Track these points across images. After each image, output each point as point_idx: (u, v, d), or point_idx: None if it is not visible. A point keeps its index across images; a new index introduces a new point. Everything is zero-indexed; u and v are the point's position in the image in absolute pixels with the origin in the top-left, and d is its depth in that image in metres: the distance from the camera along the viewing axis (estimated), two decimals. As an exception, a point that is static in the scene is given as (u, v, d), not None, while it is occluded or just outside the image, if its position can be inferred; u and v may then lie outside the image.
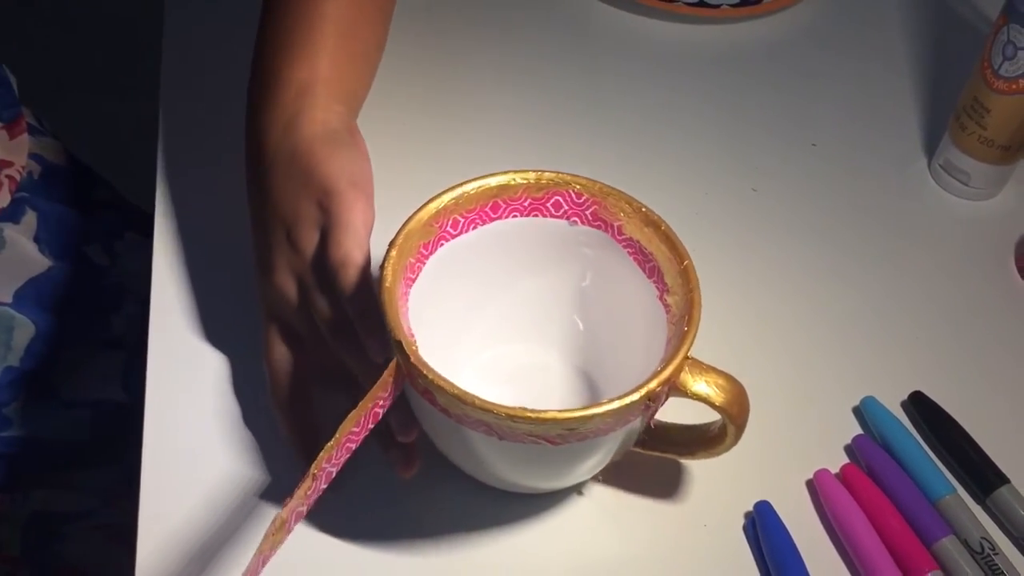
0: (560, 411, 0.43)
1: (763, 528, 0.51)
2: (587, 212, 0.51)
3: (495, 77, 0.72)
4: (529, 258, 0.53)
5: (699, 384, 0.47)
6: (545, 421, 0.43)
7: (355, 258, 0.48)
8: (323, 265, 0.49)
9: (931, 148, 0.70)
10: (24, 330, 0.70)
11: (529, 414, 0.43)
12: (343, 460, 0.46)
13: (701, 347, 0.47)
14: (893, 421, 0.55)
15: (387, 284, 0.47)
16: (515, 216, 0.52)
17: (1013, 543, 0.52)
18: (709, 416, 0.49)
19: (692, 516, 0.52)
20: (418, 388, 0.45)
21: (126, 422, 0.72)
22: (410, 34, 0.72)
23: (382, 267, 0.48)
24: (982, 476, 0.54)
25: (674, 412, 0.50)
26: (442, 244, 0.51)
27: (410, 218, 0.49)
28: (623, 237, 0.51)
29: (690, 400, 0.47)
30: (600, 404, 0.44)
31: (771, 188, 0.67)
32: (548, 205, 0.52)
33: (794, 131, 0.71)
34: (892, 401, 0.57)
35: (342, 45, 0.55)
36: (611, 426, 0.45)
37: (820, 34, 0.78)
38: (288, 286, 0.51)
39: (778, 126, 0.71)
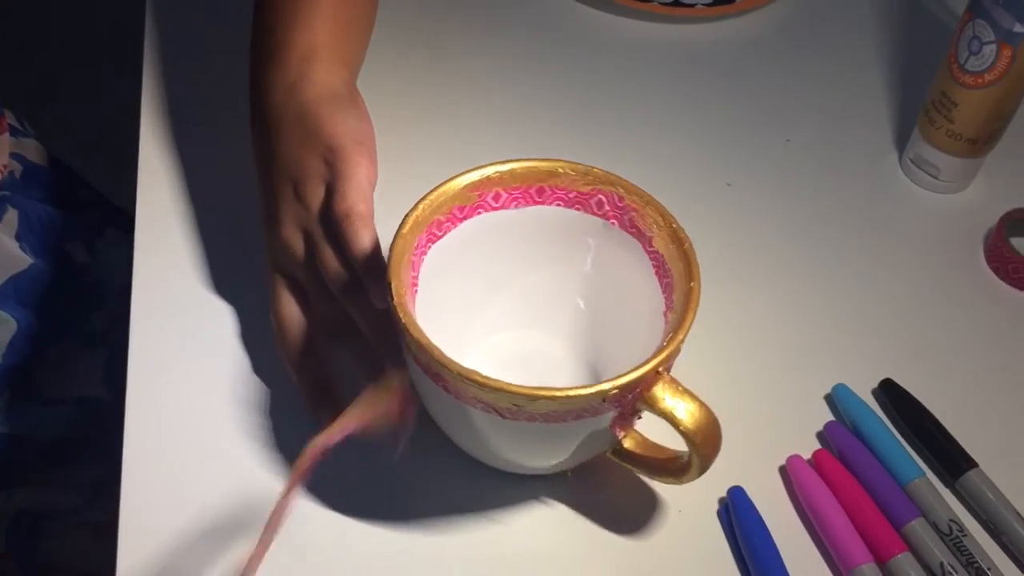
0: (508, 384, 0.44)
1: (737, 513, 0.52)
2: (625, 217, 0.52)
3: (472, 76, 0.73)
4: (558, 247, 0.54)
5: (668, 401, 0.46)
6: (493, 389, 0.44)
7: (360, 210, 0.50)
8: (329, 218, 0.51)
9: (901, 142, 0.71)
10: (6, 327, 0.70)
11: (477, 377, 0.44)
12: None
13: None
14: (864, 408, 0.56)
15: (403, 231, 0.49)
16: (558, 205, 0.53)
17: (981, 525, 0.53)
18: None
19: (667, 502, 0.53)
20: (399, 331, 0.47)
21: (109, 419, 0.73)
22: (391, 29, 0.73)
23: (406, 216, 0.49)
24: (951, 460, 0.55)
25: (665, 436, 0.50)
26: (480, 213, 0.52)
27: (446, 181, 0.51)
28: (652, 249, 0.51)
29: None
30: (548, 389, 0.44)
31: (746, 182, 0.68)
32: (592, 201, 0.53)
33: (768, 127, 0.72)
34: (863, 388, 0.58)
35: (339, 12, 0.57)
36: (560, 415, 0.45)
37: (792, 32, 0.79)
38: (295, 240, 0.52)
39: (752, 122, 0.72)
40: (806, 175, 0.69)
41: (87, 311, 0.76)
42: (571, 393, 0.44)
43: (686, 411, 0.46)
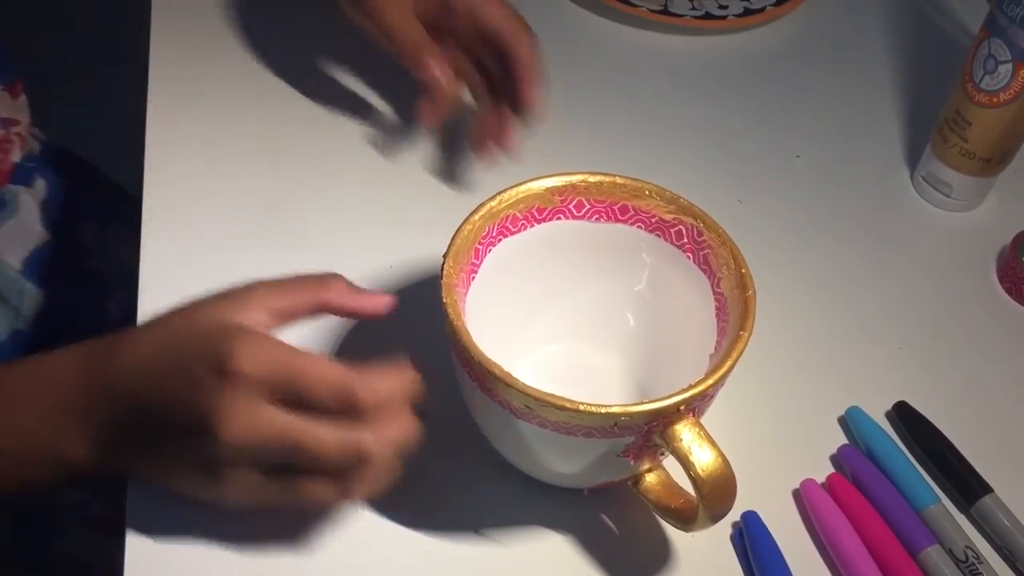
0: (521, 383, 0.44)
1: (750, 537, 0.51)
2: (700, 253, 0.52)
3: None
4: (623, 266, 0.54)
5: (685, 442, 0.44)
6: (507, 385, 0.44)
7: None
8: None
9: (914, 160, 0.70)
10: (32, 298, 0.70)
11: (495, 370, 0.44)
12: None
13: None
14: (878, 431, 0.55)
15: (473, 218, 0.50)
16: (639, 227, 0.53)
17: (997, 552, 0.53)
18: None
19: (680, 526, 0.52)
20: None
21: None
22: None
23: (481, 204, 0.50)
24: (966, 485, 0.54)
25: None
26: (559, 218, 0.53)
27: (531, 179, 0.52)
28: (718, 291, 0.51)
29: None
30: (558, 397, 0.44)
31: (756, 199, 0.68)
32: (672, 231, 0.52)
33: (778, 143, 0.71)
34: (877, 411, 0.57)
35: None
36: (569, 428, 0.45)
37: (804, 47, 0.78)
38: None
39: (763, 138, 0.72)
40: (817, 192, 0.69)
41: (98, 300, 0.75)
42: (580, 407, 0.44)
43: (701, 457, 0.44)
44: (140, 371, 0.46)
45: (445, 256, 0.48)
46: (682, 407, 0.45)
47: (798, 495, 0.54)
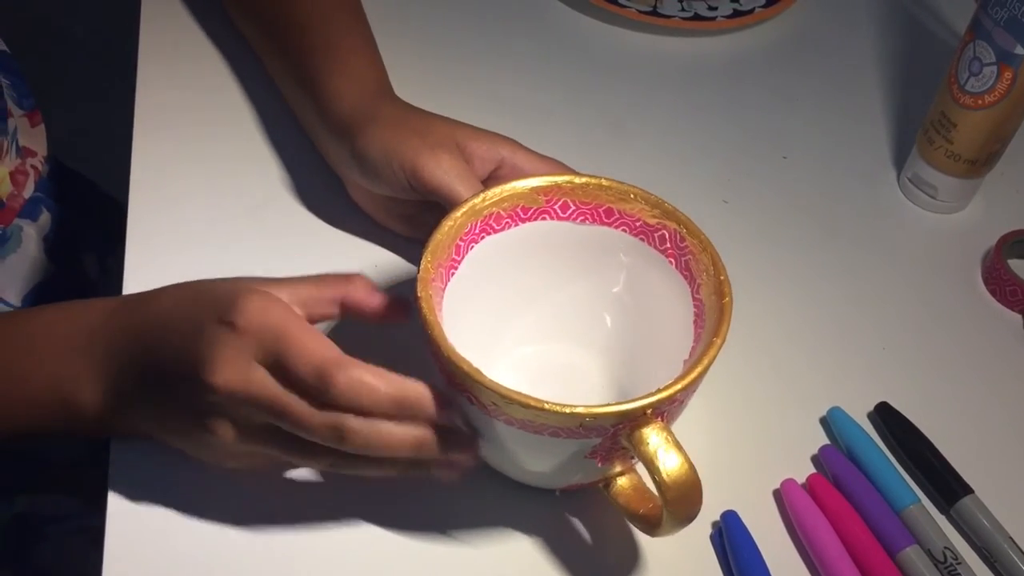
0: (487, 379, 0.44)
1: (730, 537, 0.51)
2: (683, 259, 0.51)
3: (467, 84, 0.72)
4: (610, 269, 0.54)
5: (651, 446, 0.44)
6: (474, 380, 0.44)
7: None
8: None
9: (900, 162, 0.71)
10: None
11: (464, 366, 0.44)
12: None
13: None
14: (859, 432, 0.55)
15: (456, 214, 0.50)
16: (624, 231, 0.53)
17: (976, 553, 0.53)
18: None
19: (660, 525, 0.52)
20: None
21: None
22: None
23: (464, 201, 0.51)
24: (946, 486, 0.54)
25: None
26: (544, 218, 0.53)
27: (516, 182, 0.52)
28: (697, 297, 0.51)
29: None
30: (524, 395, 0.44)
31: (743, 200, 0.68)
32: (655, 235, 0.52)
33: (766, 144, 0.71)
34: (858, 412, 0.57)
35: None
36: (535, 427, 0.45)
37: (791, 48, 0.79)
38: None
39: (750, 139, 0.72)
40: (803, 193, 0.69)
41: None
42: (545, 406, 0.44)
43: (667, 462, 0.44)
44: (157, 320, 0.49)
45: (423, 251, 0.48)
46: (649, 411, 0.44)
47: (778, 495, 0.54)
